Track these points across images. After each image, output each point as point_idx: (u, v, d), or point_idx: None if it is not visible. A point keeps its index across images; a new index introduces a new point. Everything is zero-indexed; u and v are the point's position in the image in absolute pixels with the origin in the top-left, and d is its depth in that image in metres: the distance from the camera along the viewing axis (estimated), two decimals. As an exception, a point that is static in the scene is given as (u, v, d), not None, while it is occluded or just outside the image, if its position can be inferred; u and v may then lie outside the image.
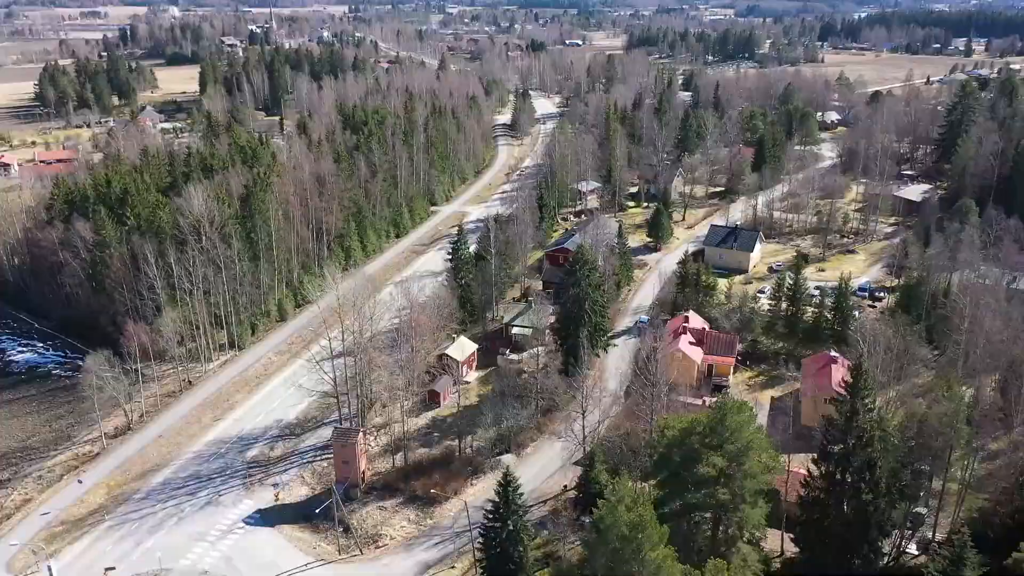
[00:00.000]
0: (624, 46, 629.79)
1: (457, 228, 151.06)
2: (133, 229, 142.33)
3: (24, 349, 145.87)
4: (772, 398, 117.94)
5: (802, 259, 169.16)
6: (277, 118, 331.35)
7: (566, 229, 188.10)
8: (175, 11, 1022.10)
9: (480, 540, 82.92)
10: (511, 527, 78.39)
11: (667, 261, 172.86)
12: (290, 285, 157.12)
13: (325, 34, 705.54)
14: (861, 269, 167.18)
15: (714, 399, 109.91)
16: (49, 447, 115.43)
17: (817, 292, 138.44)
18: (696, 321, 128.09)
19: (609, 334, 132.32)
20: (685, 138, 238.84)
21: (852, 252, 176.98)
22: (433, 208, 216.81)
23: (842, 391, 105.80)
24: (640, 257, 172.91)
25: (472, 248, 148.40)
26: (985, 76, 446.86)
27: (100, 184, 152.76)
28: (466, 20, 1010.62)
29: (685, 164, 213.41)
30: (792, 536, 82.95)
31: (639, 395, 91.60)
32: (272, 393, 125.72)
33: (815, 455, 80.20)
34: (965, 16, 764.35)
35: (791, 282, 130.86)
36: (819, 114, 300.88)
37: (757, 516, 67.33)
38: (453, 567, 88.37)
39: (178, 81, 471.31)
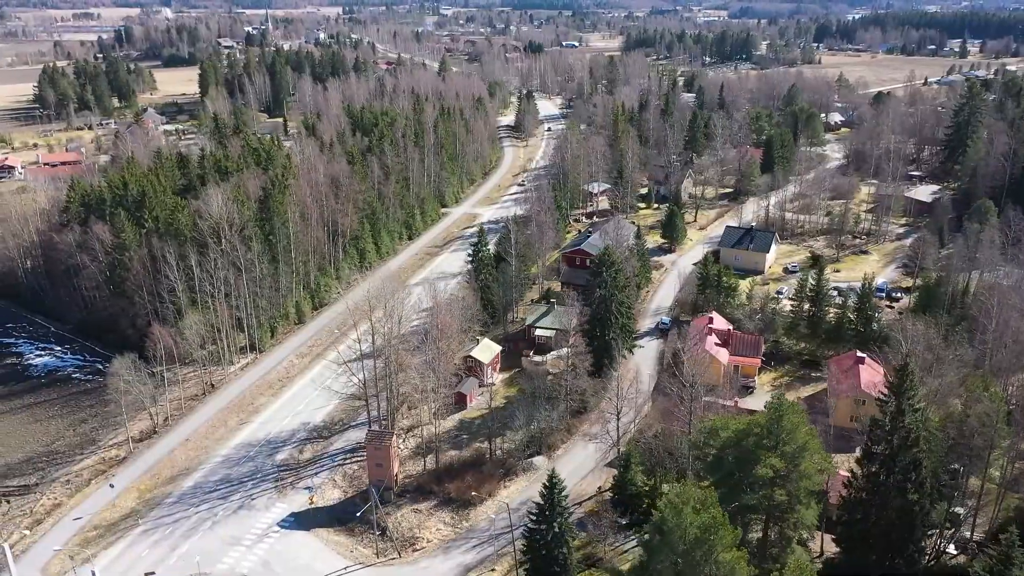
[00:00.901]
0: (621, 47, 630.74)
1: (478, 229, 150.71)
2: (152, 232, 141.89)
3: (42, 353, 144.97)
4: (798, 399, 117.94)
5: (817, 260, 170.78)
6: (280, 120, 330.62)
7: (579, 231, 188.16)
8: (168, 12, 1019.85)
9: (523, 542, 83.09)
10: (556, 529, 78.40)
11: (682, 262, 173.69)
12: (307, 287, 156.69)
13: (321, 35, 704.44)
14: (875, 270, 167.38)
15: (744, 399, 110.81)
16: (75, 451, 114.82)
17: (836, 293, 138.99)
18: (720, 322, 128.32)
19: (633, 335, 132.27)
20: (693, 139, 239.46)
21: (865, 253, 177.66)
22: (443, 210, 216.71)
23: (871, 392, 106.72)
24: (655, 258, 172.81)
25: (490, 249, 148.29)
26: (983, 77, 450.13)
27: (116, 187, 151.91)
28: (461, 21, 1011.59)
29: (696, 165, 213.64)
30: (833, 536, 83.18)
31: (676, 397, 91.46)
32: (297, 396, 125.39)
33: (857, 455, 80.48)
34: (959, 18, 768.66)
35: (813, 283, 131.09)
36: (822, 115, 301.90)
37: (811, 517, 67.57)
38: (493, 570, 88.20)
39: (176, 83, 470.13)
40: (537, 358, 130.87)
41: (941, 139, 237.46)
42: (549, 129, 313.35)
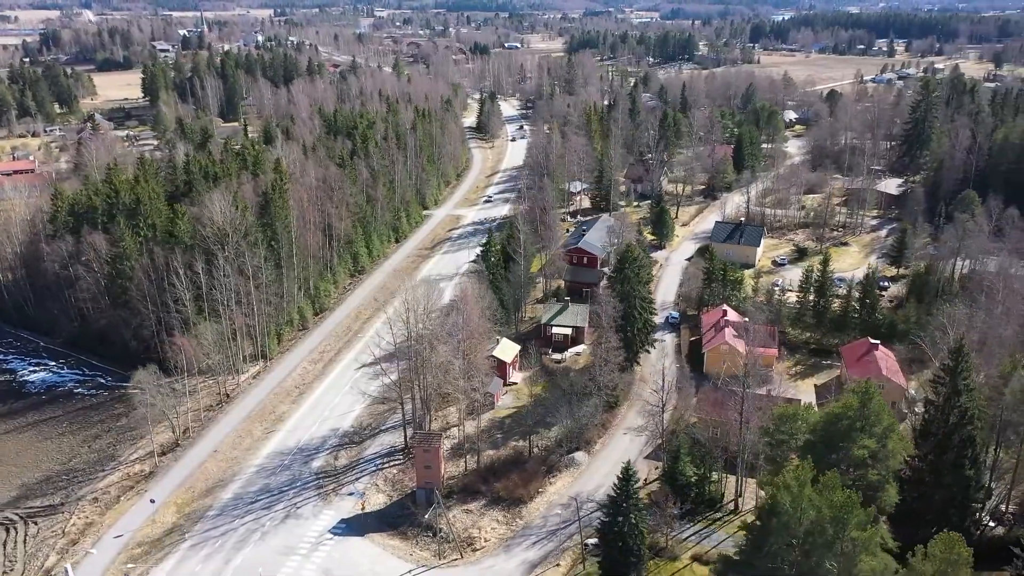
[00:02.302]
0: (565, 48, 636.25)
1: (488, 231, 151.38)
2: (149, 239, 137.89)
3: (36, 368, 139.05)
4: (815, 386, 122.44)
5: (803, 252, 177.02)
6: (236, 124, 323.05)
7: (567, 230, 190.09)
8: (90, 15, 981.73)
9: (596, 534, 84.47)
10: (633, 520, 79.87)
11: (674, 258, 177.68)
12: (307, 293, 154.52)
13: (259, 38, 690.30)
14: (857, 260, 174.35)
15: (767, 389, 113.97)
16: (94, 468, 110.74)
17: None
18: (732, 315, 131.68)
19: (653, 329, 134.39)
20: (664, 138, 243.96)
21: (845, 244, 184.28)
22: (425, 212, 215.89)
23: (889, 376, 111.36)
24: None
25: (498, 248, 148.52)
26: (914, 75, 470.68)
27: (108, 195, 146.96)
28: (398, 23, 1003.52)
29: (677, 162, 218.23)
30: (885, 516, 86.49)
31: (727, 389, 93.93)
32: (320, 402, 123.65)
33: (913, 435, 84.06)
34: (882, 18, 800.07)
35: (818, 274, 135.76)
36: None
37: (894, 496, 70.42)
38: (558, 564, 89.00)
39: (115, 87, 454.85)
40: (556, 356, 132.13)
41: (899, 134, 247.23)
42: (513, 140, 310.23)
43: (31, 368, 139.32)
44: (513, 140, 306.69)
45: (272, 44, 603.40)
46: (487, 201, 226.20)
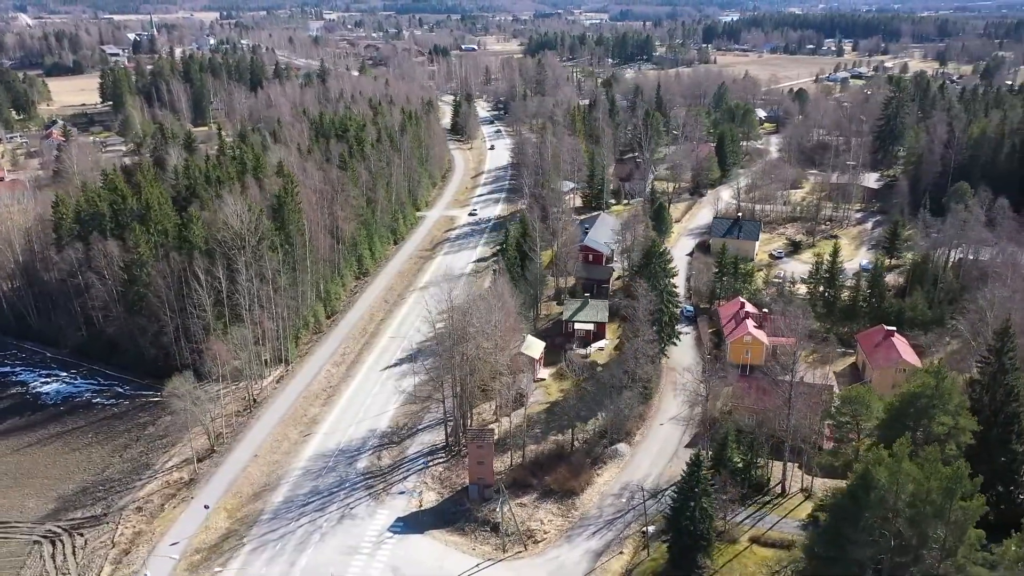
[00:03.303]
0: (523, 50, 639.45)
1: (505, 231, 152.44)
2: (163, 245, 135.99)
3: (48, 379, 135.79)
4: (834, 373, 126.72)
5: (797, 246, 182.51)
6: (205, 128, 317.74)
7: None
8: (27, 19, 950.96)
9: (663, 520, 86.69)
10: (704, 505, 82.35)
11: (675, 254, 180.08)
12: (319, 296, 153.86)
13: (211, 41, 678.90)
14: (849, 252, 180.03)
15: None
16: (131, 477, 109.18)
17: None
18: (749, 306, 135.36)
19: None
20: (650, 136, 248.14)
21: (835, 237, 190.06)
22: (418, 214, 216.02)
23: (910, 360, 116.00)
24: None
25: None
26: (866, 74, 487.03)
27: (114, 201, 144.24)
28: (349, 26, 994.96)
29: (660, 160, 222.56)
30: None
31: (772, 379, 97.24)
32: (352, 403, 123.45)
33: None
34: (828, 19, 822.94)
35: (827, 265, 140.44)
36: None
37: (965, 470, 74.08)
38: (622, 552, 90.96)
39: (69, 92, 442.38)
40: (581, 351, 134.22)
41: (870, 131, 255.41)
42: (492, 147, 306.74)
43: (42, 379, 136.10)
44: (492, 148, 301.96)
45: (226, 48, 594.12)
46: (471, 214, 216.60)
